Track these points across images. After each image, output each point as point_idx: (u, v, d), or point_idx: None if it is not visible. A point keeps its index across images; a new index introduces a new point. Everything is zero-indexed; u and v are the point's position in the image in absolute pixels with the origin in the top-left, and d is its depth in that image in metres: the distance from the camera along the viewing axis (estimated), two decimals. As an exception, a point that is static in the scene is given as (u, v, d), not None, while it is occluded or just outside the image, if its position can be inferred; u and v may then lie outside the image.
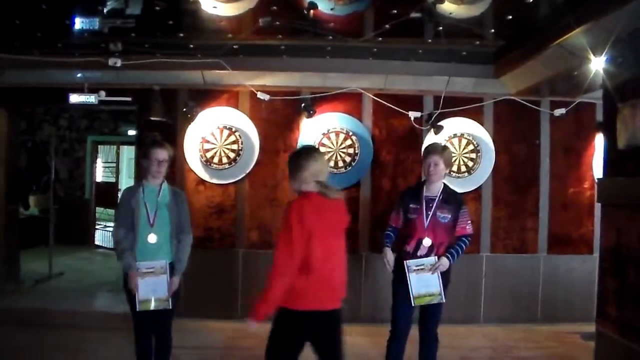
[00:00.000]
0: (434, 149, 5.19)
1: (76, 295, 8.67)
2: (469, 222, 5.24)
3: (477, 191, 8.01)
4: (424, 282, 5.02)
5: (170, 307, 4.90)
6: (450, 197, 5.20)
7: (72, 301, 8.31)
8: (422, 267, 5.03)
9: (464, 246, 5.16)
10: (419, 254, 5.08)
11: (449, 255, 5.06)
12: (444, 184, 5.25)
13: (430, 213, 5.09)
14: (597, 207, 7.23)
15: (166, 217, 4.92)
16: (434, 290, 5.03)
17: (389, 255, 5.14)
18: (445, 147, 5.30)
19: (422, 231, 5.08)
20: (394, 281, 5.26)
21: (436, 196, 5.14)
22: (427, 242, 5.06)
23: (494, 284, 7.99)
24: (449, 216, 5.12)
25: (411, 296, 5.04)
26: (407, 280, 5.03)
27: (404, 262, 5.06)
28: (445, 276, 5.08)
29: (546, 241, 8.07)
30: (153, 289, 4.85)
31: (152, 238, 4.85)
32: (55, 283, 9.59)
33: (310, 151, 4.28)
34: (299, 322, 3.99)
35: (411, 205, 5.19)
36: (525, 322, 7.88)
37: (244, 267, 7.66)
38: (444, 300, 5.05)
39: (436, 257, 5.04)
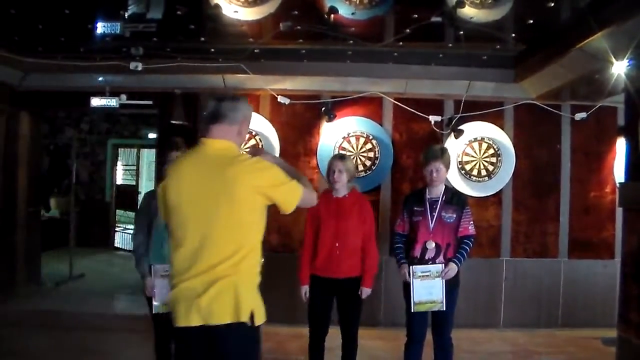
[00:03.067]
0: (433, 155, 5.11)
1: (96, 298, 8.75)
2: (472, 222, 5.21)
3: (498, 195, 7.98)
4: (427, 288, 4.99)
5: None
6: (453, 197, 5.19)
7: (92, 303, 8.39)
8: (427, 274, 5.00)
9: (468, 249, 5.12)
10: (426, 257, 5.06)
11: (456, 260, 5.03)
12: (446, 185, 5.25)
13: (435, 214, 5.08)
14: (619, 211, 7.21)
15: (184, 221, 4.94)
16: (436, 298, 4.99)
17: (406, 270, 5.07)
18: (444, 150, 5.21)
19: (426, 234, 5.07)
20: (405, 287, 5.22)
21: (439, 197, 5.12)
22: (430, 244, 5.03)
23: (514, 288, 7.96)
24: (454, 216, 5.10)
25: (412, 302, 5.04)
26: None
27: (410, 267, 5.04)
28: (454, 279, 5.04)
29: (567, 245, 8.03)
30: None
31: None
32: (75, 285, 9.68)
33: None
34: None
35: (415, 208, 5.17)
36: (546, 327, 7.85)
37: (264, 270, 7.61)
38: (444, 309, 5.00)
39: (443, 264, 5.00)
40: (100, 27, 6.30)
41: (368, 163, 7.80)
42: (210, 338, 3.01)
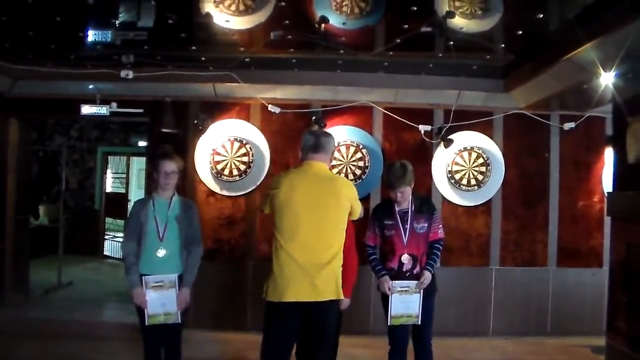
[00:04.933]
0: (395, 181, 5.04)
1: (85, 306, 8.73)
2: (441, 226, 5.28)
3: (487, 204, 8.01)
4: (405, 303, 5.03)
5: (180, 322, 4.93)
6: (422, 206, 5.20)
7: (81, 311, 8.37)
8: (406, 289, 5.03)
9: (439, 253, 5.20)
10: (404, 269, 5.09)
11: (429, 267, 5.06)
12: (412, 193, 5.22)
13: (408, 226, 5.10)
14: (607, 220, 7.24)
15: (176, 230, 4.92)
16: (412, 312, 5.04)
17: (389, 283, 5.05)
18: (404, 170, 5.06)
19: (402, 247, 5.10)
20: (383, 299, 5.25)
21: (408, 208, 5.14)
22: (405, 258, 5.07)
23: (504, 296, 7.98)
24: (426, 225, 5.14)
25: (389, 316, 5.08)
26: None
27: (390, 282, 5.06)
28: (430, 285, 5.07)
29: (556, 254, 8.06)
30: (162, 303, 4.84)
31: (161, 252, 4.86)
32: (64, 293, 9.65)
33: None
34: None
35: (386, 222, 5.18)
36: (535, 335, 7.87)
37: (254, 279, 7.64)
38: (419, 323, 5.04)
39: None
40: (91, 35, 6.31)
41: (358, 172, 7.81)
42: (313, 310, 4.11)
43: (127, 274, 4.89)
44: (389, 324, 5.11)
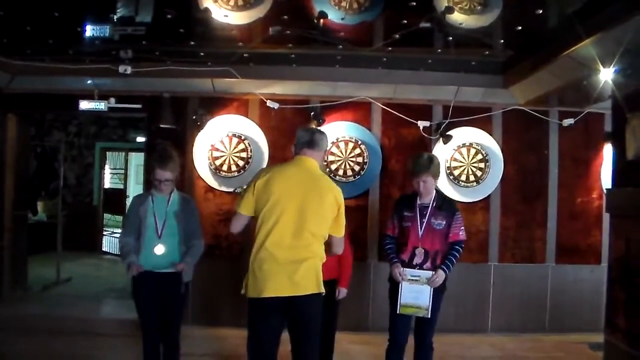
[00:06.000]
0: (420, 168, 5.08)
1: (84, 302, 8.69)
2: (462, 228, 5.24)
3: (486, 201, 8.00)
4: (415, 293, 5.03)
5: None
6: (443, 204, 5.21)
7: (79, 307, 8.33)
8: (417, 278, 5.04)
9: (457, 255, 5.16)
10: (414, 262, 5.09)
11: (445, 267, 5.06)
12: (437, 190, 5.26)
13: (425, 220, 5.10)
14: (605, 217, 7.23)
15: (174, 226, 4.94)
16: (422, 304, 5.02)
17: (400, 269, 5.07)
18: (431, 160, 5.15)
19: (416, 240, 5.10)
20: (390, 290, 5.26)
21: (429, 204, 5.14)
22: (419, 251, 5.08)
23: (502, 293, 7.98)
24: (444, 222, 5.12)
25: (398, 303, 5.08)
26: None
27: (402, 268, 5.07)
28: (440, 285, 5.06)
29: (554, 251, 8.06)
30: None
31: (159, 249, 4.87)
32: (62, 289, 9.62)
33: None
34: None
35: (405, 214, 5.20)
36: (533, 332, 7.87)
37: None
38: (429, 316, 5.02)
39: (432, 271, 5.03)
40: (89, 30, 6.29)
41: (357, 168, 7.79)
42: (295, 305, 4.08)
43: (124, 258, 4.89)
44: (397, 312, 5.09)
